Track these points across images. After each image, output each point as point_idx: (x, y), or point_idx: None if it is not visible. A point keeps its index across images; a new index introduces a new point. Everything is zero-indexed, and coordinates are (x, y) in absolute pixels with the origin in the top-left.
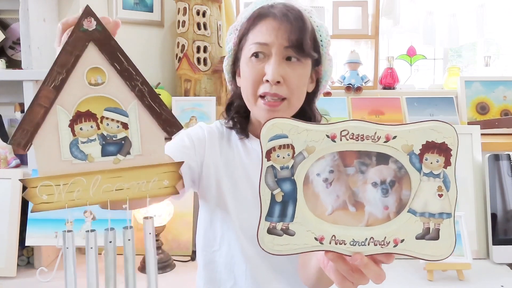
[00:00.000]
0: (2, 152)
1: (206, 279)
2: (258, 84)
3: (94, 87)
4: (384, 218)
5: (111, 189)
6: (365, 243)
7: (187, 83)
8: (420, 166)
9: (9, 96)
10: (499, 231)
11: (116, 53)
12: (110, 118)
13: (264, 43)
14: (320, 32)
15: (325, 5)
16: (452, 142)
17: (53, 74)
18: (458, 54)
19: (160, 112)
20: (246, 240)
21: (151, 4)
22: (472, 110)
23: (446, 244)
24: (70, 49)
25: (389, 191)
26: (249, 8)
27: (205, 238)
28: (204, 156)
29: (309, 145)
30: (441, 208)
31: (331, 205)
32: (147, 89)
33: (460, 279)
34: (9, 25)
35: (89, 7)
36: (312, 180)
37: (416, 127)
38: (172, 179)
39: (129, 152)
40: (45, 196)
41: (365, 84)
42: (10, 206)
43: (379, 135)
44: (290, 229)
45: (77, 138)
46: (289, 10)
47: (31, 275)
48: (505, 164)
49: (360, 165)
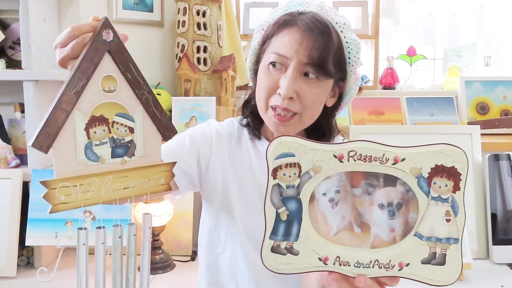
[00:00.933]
0: (2, 152)
1: (208, 281)
2: (270, 95)
3: (107, 93)
4: (389, 240)
5: (119, 188)
6: (369, 265)
7: (187, 83)
8: (428, 189)
9: (9, 96)
10: (499, 231)
11: (128, 64)
12: (120, 123)
13: (283, 56)
14: (349, 49)
15: None
16: (462, 167)
17: (75, 79)
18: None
19: (160, 118)
20: (251, 245)
21: (151, 4)
22: (472, 110)
23: (452, 269)
24: (91, 57)
25: (396, 213)
26: (278, 10)
27: (208, 240)
28: (211, 156)
29: (316, 165)
30: (449, 233)
31: (336, 225)
32: (151, 98)
33: (460, 279)
34: (9, 25)
35: (107, 19)
36: (318, 200)
37: (425, 150)
38: (167, 177)
39: (134, 154)
40: (63, 196)
41: (365, 84)
42: (10, 206)
43: (387, 157)
44: (294, 248)
45: (91, 141)
46: (316, 23)
47: (31, 275)
48: (505, 164)
49: (367, 186)
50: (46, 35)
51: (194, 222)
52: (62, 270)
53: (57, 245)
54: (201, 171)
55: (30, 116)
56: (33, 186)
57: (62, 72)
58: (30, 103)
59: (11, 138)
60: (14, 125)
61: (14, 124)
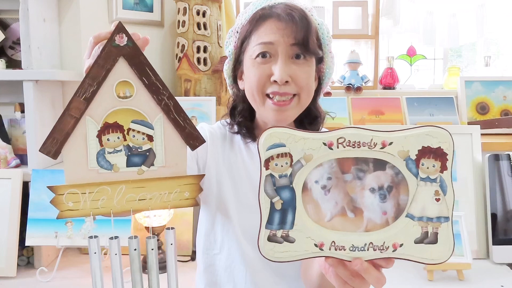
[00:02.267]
0: (2, 152)
1: (206, 281)
2: (265, 84)
3: (122, 99)
4: (382, 223)
5: (134, 198)
6: (364, 248)
7: (187, 83)
8: (417, 171)
9: (9, 96)
10: (499, 231)
11: (145, 68)
12: (137, 130)
13: (269, 42)
14: (321, 30)
15: (325, 5)
16: (447, 147)
17: (85, 86)
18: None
19: (184, 126)
20: (247, 244)
21: (151, 4)
22: (472, 110)
23: (444, 247)
24: (102, 62)
25: (387, 196)
26: (248, 10)
27: (205, 241)
28: (206, 158)
29: (307, 153)
30: (439, 212)
31: (330, 211)
32: (172, 103)
33: (460, 279)
34: (9, 25)
35: (121, 23)
36: (310, 188)
37: (411, 133)
38: (192, 191)
39: (153, 163)
40: (71, 203)
41: (365, 84)
42: (10, 206)
43: (375, 142)
44: (290, 236)
45: (104, 148)
46: (292, 9)
47: (31, 275)
48: (505, 164)
49: (357, 172)
50: (46, 35)
51: (194, 222)
52: (62, 270)
53: (57, 245)
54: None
55: (30, 116)
56: (33, 186)
57: (62, 72)
58: (30, 103)
59: (11, 138)
60: (14, 125)
61: (14, 124)
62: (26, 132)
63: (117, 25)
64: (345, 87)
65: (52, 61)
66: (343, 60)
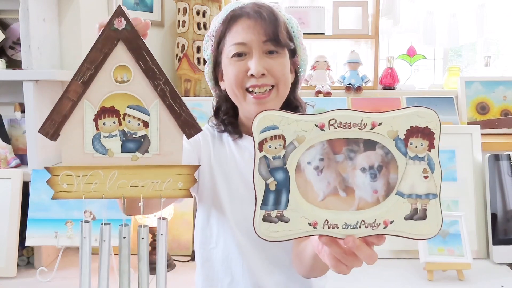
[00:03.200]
0: (2, 152)
1: (204, 277)
2: (243, 80)
3: (120, 84)
4: (373, 201)
5: (126, 185)
6: (356, 226)
7: (187, 83)
8: (405, 150)
9: (9, 96)
10: (499, 231)
11: (142, 52)
12: (132, 116)
13: (242, 43)
14: (291, 24)
15: (325, 5)
16: (434, 126)
17: (83, 69)
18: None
19: (179, 113)
20: (241, 235)
21: (151, 4)
22: (472, 110)
23: (433, 223)
24: (100, 46)
25: (377, 175)
26: (220, 13)
27: (202, 236)
28: (201, 155)
29: (299, 135)
30: (427, 189)
31: (323, 191)
32: (168, 89)
33: (460, 279)
34: (9, 25)
35: (121, 7)
36: (303, 169)
37: (400, 113)
38: (186, 181)
39: (147, 150)
40: (66, 185)
41: (365, 84)
42: (10, 206)
43: (365, 123)
44: (284, 216)
45: (100, 132)
46: (261, 7)
47: (31, 275)
48: (505, 164)
49: (348, 152)
50: (46, 35)
51: (194, 222)
52: (62, 270)
53: (57, 245)
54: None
55: (30, 116)
56: (33, 186)
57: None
58: (30, 103)
59: (11, 138)
60: (14, 125)
61: (14, 124)
62: (26, 132)
63: (117, 8)
64: (345, 87)
65: (52, 61)
66: (343, 60)
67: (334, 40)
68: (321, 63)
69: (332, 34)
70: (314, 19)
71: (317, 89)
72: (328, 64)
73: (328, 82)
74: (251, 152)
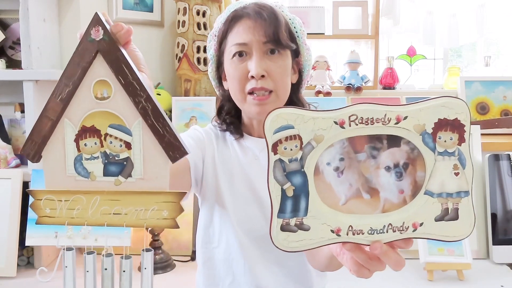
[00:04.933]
0: (2, 152)
1: (205, 276)
2: (244, 82)
3: (99, 101)
4: (400, 202)
5: (109, 211)
6: (383, 230)
7: (187, 83)
8: (433, 145)
9: (9, 96)
10: (499, 231)
11: (121, 65)
12: (114, 136)
13: (243, 43)
14: (294, 24)
15: (325, 5)
16: (464, 118)
17: (61, 86)
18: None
19: (163, 134)
20: (243, 234)
21: (151, 4)
22: (472, 110)
23: (466, 223)
24: (77, 60)
25: (403, 174)
26: (223, 13)
27: (204, 235)
28: (205, 154)
29: (317, 134)
30: (459, 186)
31: (345, 194)
32: (150, 107)
33: (460, 279)
34: (9, 25)
35: (97, 15)
36: (322, 170)
37: (427, 105)
38: (171, 210)
39: (131, 174)
40: (48, 209)
41: (365, 84)
42: (10, 206)
43: (389, 117)
44: (304, 224)
45: (81, 154)
46: (262, 8)
47: (31, 275)
48: (505, 164)
49: (371, 150)
50: (46, 35)
51: (194, 222)
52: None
53: (57, 245)
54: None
55: (30, 116)
56: (33, 186)
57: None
58: (30, 103)
59: (11, 138)
60: (14, 125)
61: (14, 124)
62: (26, 132)
63: (93, 17)
64: (345, 87)
65: (52, 61)
66: (343, 60)
67: (334, 40)
68: (321, 63)
69: (332, 34)
70: (314, 19)
71: (317, 89)
72: (328, 64)
73: (328, 82)
74: (254, 153)
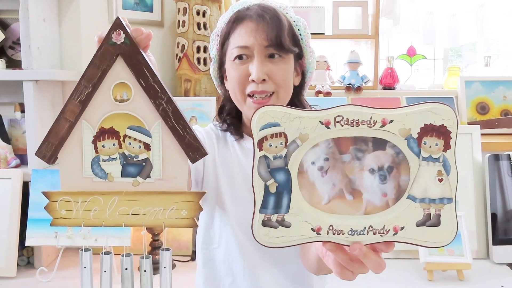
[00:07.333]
0: (2, 152)
1: (205, 277)
2: (244, 84)
3: (119, 103)
4: (382, 205)
5: (127, 212)
6: (364, 232)
7: (187, 83)
8: (418, 150)
9: (9, 96)
10: (499, 231)
11: (142, 68)
12: (133, 138)
13: (244, 46)
14: (298, 26)
15: (325, 5)
16: (451, 124)
17: (80, 87)
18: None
19: (183, 135)
20: (243, 235)
21: (151, 4)
22: (472, 110)
23: (447, 230)
24: (98, 63)
25: (387, 177)
26: (226, 13)
27: (205, 236)
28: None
29: (303, 133)
30: (442, 193)
31: (328, 194)
32: (171, 109)
33: (460, 279)
34: (9, 25)
35: (119, 19)
36: (306, 169)
37: (413, 110)
38: (191, 210)
39: (149, 175)
40: (64, 211)
41: (365, 84)
42: (10, 206)
43: (375, 120)
44: (285, 221)
45: (99, 155)
46: (265, 10)
47: (31, 275)
48: (505, 164)
49: (356, 152)
50: (46, 35)
51: None
52: (62, 270)
53: (57, 245)
54: (202, 170)
55: (30, 116)
56: (33, 186)
57: (62, 72)
58: (30, 103)
59: (11, 138)
60: (14, 125)
61: (14, 124)
62: (26, 132)
63: (115, 21)
64: (345, 87)
65: (52, 61)
66: (343, 60)
67: (334, 40)
68: (321, 63)
69: (332, 34)
70: (314, 19)
71: (317, 89)
72: (328, 64)
73: (328, 82)
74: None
